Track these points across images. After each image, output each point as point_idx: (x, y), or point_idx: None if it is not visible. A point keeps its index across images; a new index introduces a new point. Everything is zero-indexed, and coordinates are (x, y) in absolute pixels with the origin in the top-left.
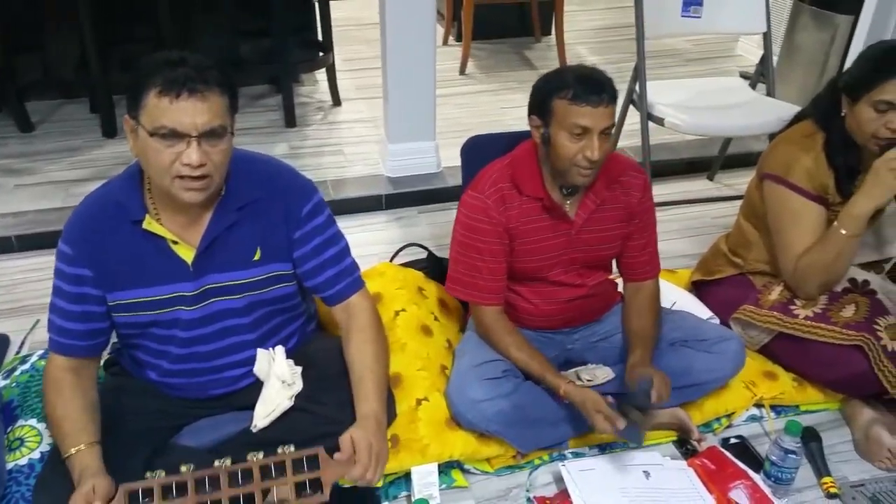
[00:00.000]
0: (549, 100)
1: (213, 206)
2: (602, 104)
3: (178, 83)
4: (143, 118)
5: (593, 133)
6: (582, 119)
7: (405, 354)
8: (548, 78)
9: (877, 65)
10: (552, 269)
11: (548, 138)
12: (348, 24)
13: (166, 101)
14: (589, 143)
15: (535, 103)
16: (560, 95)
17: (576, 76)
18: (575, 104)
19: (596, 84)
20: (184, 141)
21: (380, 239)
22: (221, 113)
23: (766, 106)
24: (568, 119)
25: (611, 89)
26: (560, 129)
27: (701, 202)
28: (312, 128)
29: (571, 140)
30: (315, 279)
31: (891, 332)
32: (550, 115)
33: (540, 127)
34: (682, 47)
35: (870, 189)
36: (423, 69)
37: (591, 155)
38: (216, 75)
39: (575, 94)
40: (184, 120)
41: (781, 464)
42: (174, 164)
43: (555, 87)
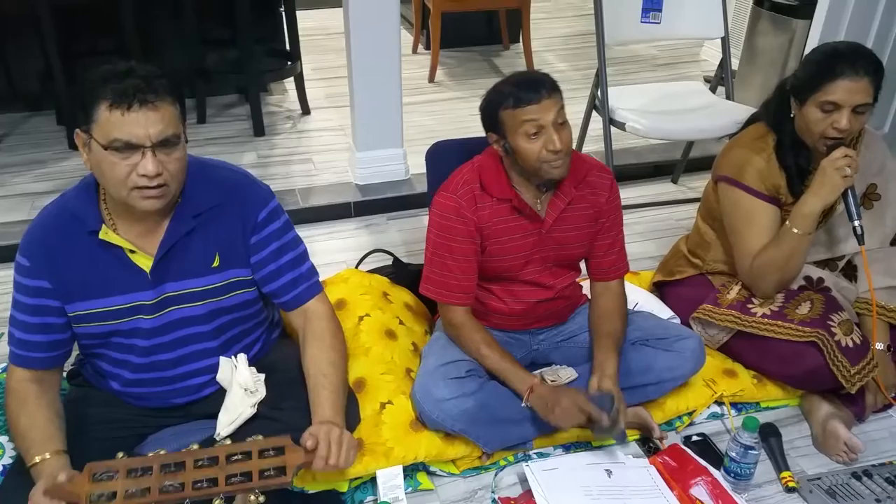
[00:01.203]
0: (495, 115)
1: (170, 213)
2: (544, 98)
3: (128, 95)
4: (95, 132)
5: (548, 126)
6: (530, 116)
7: (369, 359)
8: (489, 96)
9: (821, 67)
10: (524, 269)
11: (509, 148)
12: (317, 34)
13: (118, 113)
14: (548, 137)
15: (486, 122)
16: (504, 106)
17: (512, 84)
18: (519, 108)
19: (532, 83)
20: (138, 152)
21: (349, 246)
22: (174, 122)
23: (724, 109)
24: (518, 124)
25: (549, 82)
26: (516, 136)
27: (666, 205)
28: (281, 136)
29: (530, 141)
30: (272, 284)
31: (844, 327)
32: (503, 127)
33: (499, 140)
34: (649, 53)
35: (818, 188)
36: (388, 77)
37: (554, 146)
38: (165, 84)
39: (516, 99)
40: (137, 131)
41: (740, 460)
42: (130, 176)
43: (497, 101)
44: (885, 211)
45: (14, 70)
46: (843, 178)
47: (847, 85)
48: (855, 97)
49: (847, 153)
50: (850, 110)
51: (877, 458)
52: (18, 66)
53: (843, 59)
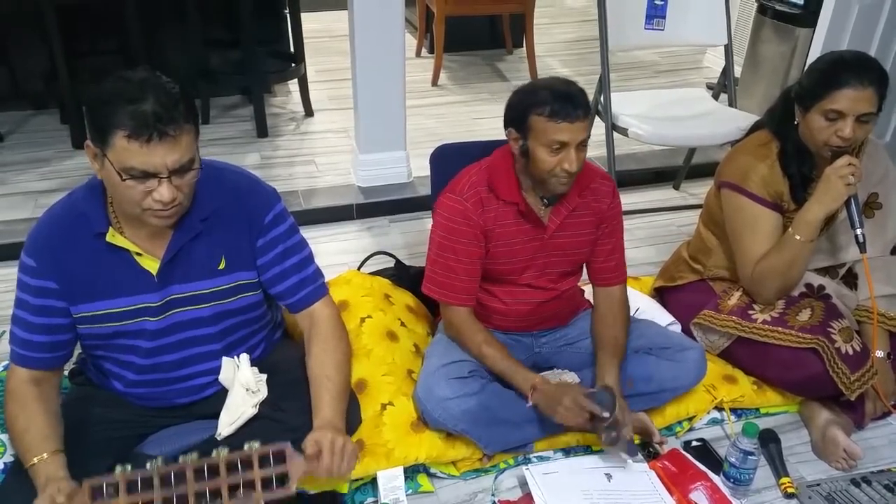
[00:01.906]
0: (526, 115)
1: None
2: (578, 119)
3: (147, 126)
4: (110, 155)
5: (571, 146)
6: (560, 135)
7: (370, 360)
8: (524, 93)
9: (826, 75)
10: (524, 273)
11: (526, 151)
12: (322, 36)
13: (136, 145)
14: (567, 156)
15: (511, 118)
16: (537, 112)
17: (552, 93)
18: (553, 121)
19: (572, 100)
20: (155, 179)
21: (351, 248)
22: (190, 147)
23: (726, 116)
24: (547, 135)
25: (585, 103)
26: (538, 144)
27: (667, 210)
28: (284, 138)
29: (550, 154)
30: (278, 286)
31: (844, 334)
32: (528, 130)
33: (518, 139)
34: (651, 59)
35: (821, 196)
36: (392, 80)
37: (570, 167)
38: (183, 110)
39: (552, 111)
40: (155, 161)
41: (740, 465)
42: (145, 199)
43: (532, 103)
44: (887, 220)
45: (18, 68)
46: (847, 186)
47: (851, 94)
48: (859, 106)
49: (851, 161)
50: (854, 119)
51: (875, 465)
52: (22, 65)
53: (848, 67)
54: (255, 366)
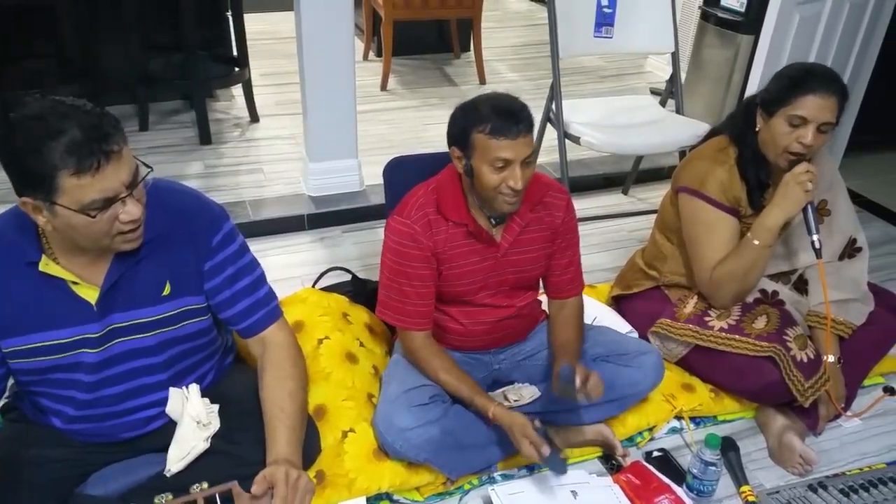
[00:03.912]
0: (467, 134)
1: None
2: (521, 135)
3: (91, 154)
4: (61, 200)
5: (515, 163)
6: (503, 152)
7: (329, 384)
8: (464, 110)
9: (794, 81)
10: (480, 292)
11: (470, 169)
12: (266, 38)
13: (87, 178)
14: (511, 174)
15: (453, 136)
16: (478, 129)
17: (492, 108)
18: (494, 138)
19: (513, 116)
20: (118, 201)
21: (303, 260)
22: (130, 153)
23: (675, 124)
24: (489, 153)
25: (527, 118)
26: (482, 163)
27: (617, 216)
28: (229, 145)
29: (494, 172)
30: (228, 311)
31: (799, 342)
32: (471, 149)
33: (461, 158)
34: (596, 65)
35: (781, 201)
36: (342, 85)
37: (515, 185)
38: (110, 120)
39: (493, 128)
40: (112, 185)
41: (702, 476)
42: (114, 225)
43: (472, 121)
44: (834, 226)
45: None
46: (806, 192)
47: (817, 101)
48: (822, 114)
49: (809, 168)
50: (815, 127)
51: (829, 469)
52: None
53: (816, 76)
54: (205, 395)
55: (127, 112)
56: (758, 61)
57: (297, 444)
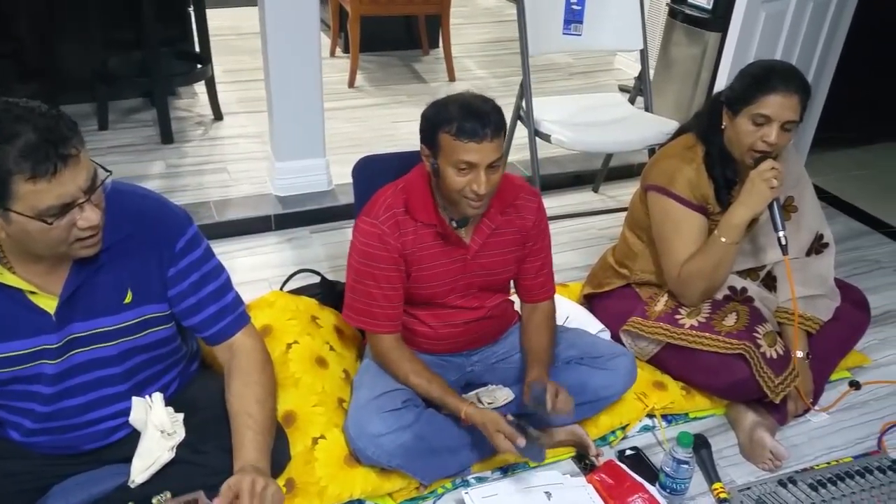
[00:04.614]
0: (435, 133)
1: None
2: (487, 139)
3: (47, 158)
4: (15, 206)
5: (480, 168)
6: (467, 155)
7: (299, 390)
8: (435, 108)
9: (758, 80)
10: (449, 295)
11: (437, 169)
12: (229, 34)
13: (43, 183)
14: (476, 178)
15: (423, 134)
16: (445, 129)
17: (460, 109)
18: (459, 140)
19: (481, 118)
20: (75, 206)
21: (270, 262)
22: (88, 157)
23: (644, 121)
24: (453, 155)
25: (496, 122)
26: (447, 164)
27: (588, 214)
28: (192, 144)
29: (458, 174)
30: (194, 318)
31: (769, 339)
32: (437, 149)
33: (429, 157)
34: (565, 61)
35: (746, 198)
36: (308, 82)
37: (479, 189)
38: (67, 123)
39: (459, 129)
40: (69, 190)
41: (675, 475)
42: (71, 232)
43: (440, 120)
44: (801, 222)
45: None
46: (771, 189)
47: (780, 100)
48: (786, 113)
49: (774, 166)
50: (779, 125)
51: (798, 464)
52: None
53: (779, 75)
54: (170, 404)
55: (85, 111)
56: (725, 59)
57: (266, 451)
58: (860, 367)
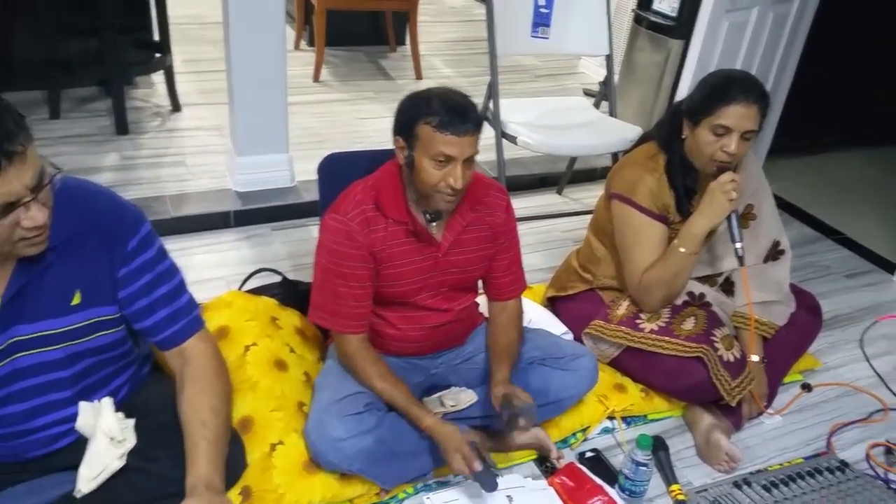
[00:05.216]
0: (414, 124)
1: None
2: (467, 133)
3: None
4: None
5: (457, 161)
6: (446, 147)
7: (257, 394)
8: (414, 101)
9: (716, 91)
10: (419, 293)
11: (412, 161)
12: (190, 23)
13: None
14: (452, 171)
15: (399, 125)
16: (426, 121)
17: (444, 103)
18: (440, 132)
19: (463, 113)
20: (20, 205)
21: (228, 260)
22: (36, 153)
23: (608, 126)
24: (432, 146)
25: (475, 118)
26: (424, 156)
27: (552, 217)
28: (148, 136)
29: (435, 167)
30: (145, 321)
31: (726, 342)
32: (415, 140)
33: (404, 149)
34: (531, 63)
35: (706, 210)
36: (272, 74)
37: (455, 183)
38: (15, 117)
39: (441, 122)
40: (14, 188)
41: (634, 477)
42: (15, 231)
43: (421, 112)
44: (759, 230)
45: None
46: (730, 201)
47: (739, 111)
48: (745, 123)
49: (733, 178)
50: (739, 135)
51: (752, 465)
52: None
53: (738, 85)
54: (120, 409)
55: (36, 98)
56: (688, 66)
57: (220, 463)
58: (811, 370)
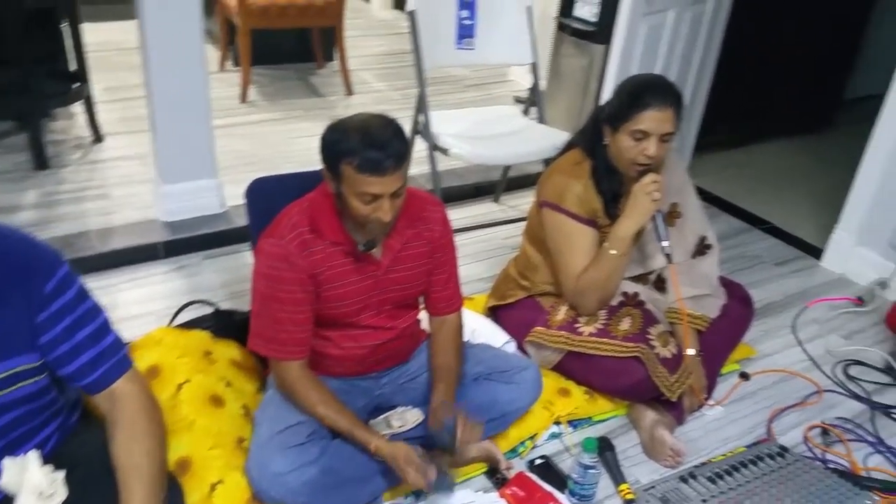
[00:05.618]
0: (337, 162)
1: None
2: (390, 171)
3: None
4: None
5: (384, 197)
6: (370, 188)
7: (193, 434)
8: (335, 133)
9: (632, 98)
10: (362, 313)
11: (340, 194)
12: (107, 49)
13: None
14: (380, 206)
15: (324, 159)
16: (347, 161)
17: (362, 139)
18: (362, 174)
19: (384, 148)
20: None
21: (159, 293)
22: None
23: (538, 133)
24: (357, 186)
25: (398, 149)
26: (350, 193)
27: (490, 225)
28: (69, 169)
29: (363, 203)
30: (69, 366)
31: (662, 339)
32: (340, 177)
33: (332, 181)
34: (461, 73)
35: (631, 212)
36: (194, 98)
37: (384, 217)
38: None
39: (361, 163)
40: None
41: (583, 481)
42: None
43: (342, 150)
44: (685, 227)
45: None
46: (653, 202)
47: (655, 115)
48: (662, 126)
49: (655, 179)
50: (657, 138)
51: (697, 458)
52: None
53: (651, 91)
54: (48, 462)
55: None
56: (611, 69)
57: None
58: (748, 358)
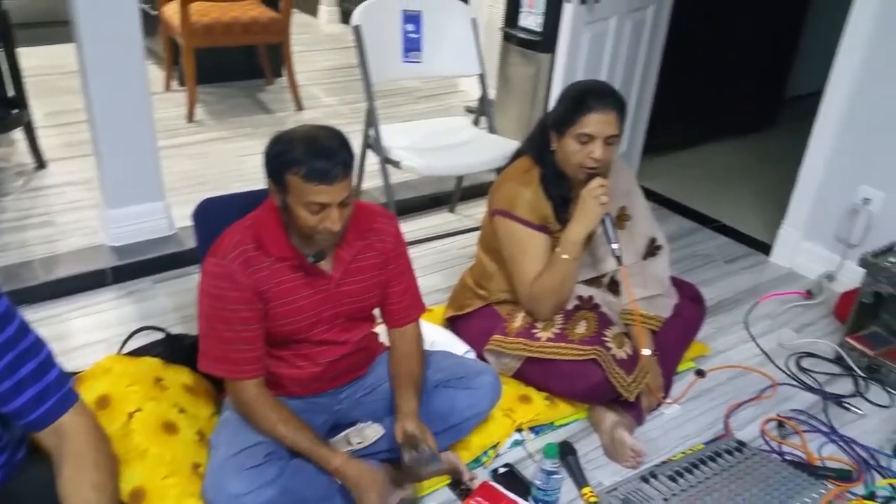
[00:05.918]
0: (282, 173)
1: None
2: (338, 179)
3: None
4: None
5: (332, 206)
6: (318, 197)
7: (146, 463)
8: (279, 147)
9: (576, 102)
10: (314, 328)
11: (286, 206)
12: (46, 73)
13: None
14: (328, 216)
15: (269, 171)
16: (293, 171)
17: (307, 149)
18: (310, 183)
19: (330, 158)
20: None
21: (108, 321)
22: None
23: (489, 143)
24: (304, 197)
25: (344, 160)
26: (297, 204)
27: (447, 236)
28: (11, 198)
29: (310, 213)
30: (12, 404)
31: (617, 341)
32: (286, 188)
33: (278, 194)
34: (412, 85)
35: (580, 216)
36: (138, 120)
37: (333, 227)
38: None
39: (308, 172)
40: None
41: (546, 487)
42: None
43: (287, 161)
44: (635, 229)
45: None
46: (601, 205)
47: (599, 118)
48: (606, 129)
49: (602, 183)
50: (602, 141)
51: (657, 457)
52: None
53: (594, 95)
54: None
55: None
56: (557, 78)
57: None
58: (702, 356)
